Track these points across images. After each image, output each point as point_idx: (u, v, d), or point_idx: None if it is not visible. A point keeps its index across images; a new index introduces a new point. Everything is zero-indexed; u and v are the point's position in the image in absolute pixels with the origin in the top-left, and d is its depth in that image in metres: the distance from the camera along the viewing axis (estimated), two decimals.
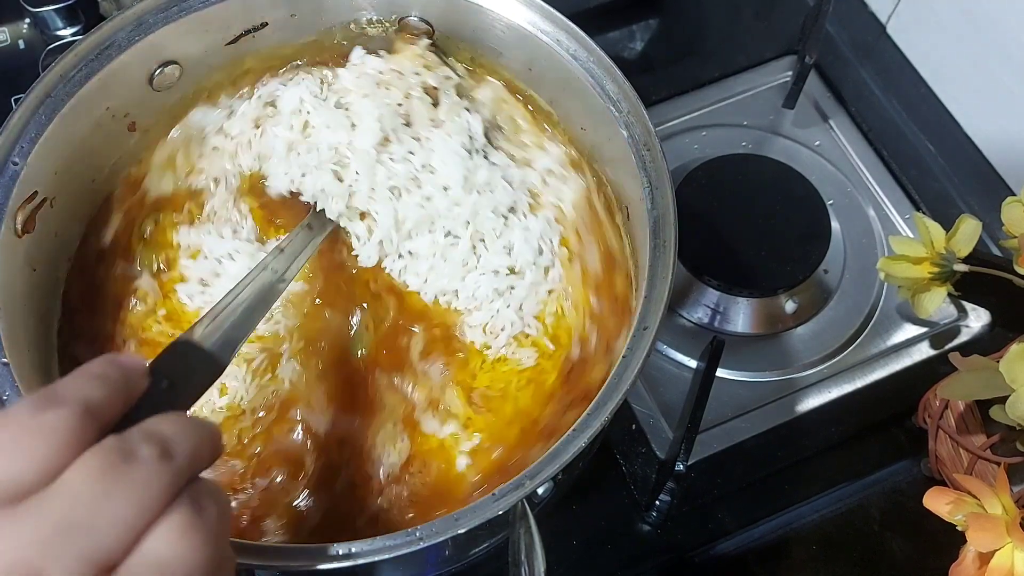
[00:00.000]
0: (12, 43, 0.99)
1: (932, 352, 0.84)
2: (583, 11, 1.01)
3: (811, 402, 0.82)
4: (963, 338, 0.85)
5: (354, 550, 0.50)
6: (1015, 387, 0.60)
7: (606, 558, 0.76)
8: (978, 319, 0.85)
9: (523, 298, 0.70)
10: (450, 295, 0.70)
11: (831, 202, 0.89)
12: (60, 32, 0.97)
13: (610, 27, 1.07)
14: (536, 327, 0.70)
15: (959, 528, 0.62)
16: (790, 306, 0.85)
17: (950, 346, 0.84)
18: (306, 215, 0.69)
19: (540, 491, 0.53)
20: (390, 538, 0.50)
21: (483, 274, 0.70)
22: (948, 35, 0.93)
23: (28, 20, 0.99)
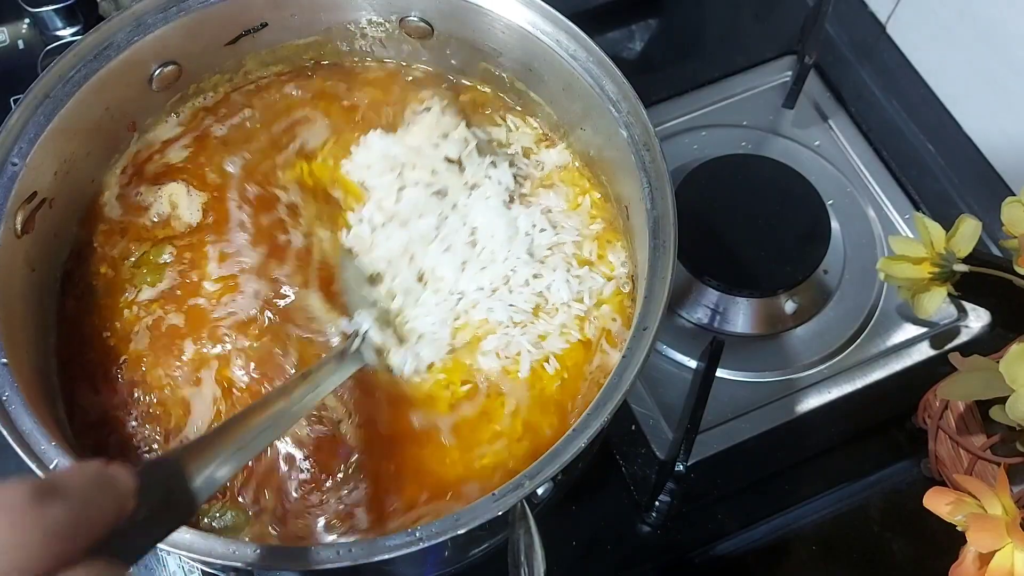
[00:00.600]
0: (12, 43, 0.99)
1: (932, 352, 0.84)
2: (583, 11, 1.01)
3: (811, 402, 0.82)
4: (963, 338, 0.85)
5: (354, 550, 0.50)
6: (1015, 387, 0.60)
7: (606, 558, 0.76)
8: (978, 319, 0.85)
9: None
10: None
11: (831, 202, 0.89)
12: (59, 32, 0.98)
13: (610, 27, 1.07)
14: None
15: (959, 528, 0.61)
16: (790, 306, 0.85)
17: (950, 346, 0.84)
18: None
19: (540, 491, 0.53)
20: (390, 538, 0.50)
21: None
22: (948, 35, 0.93)
23: (28, 20, 0.99)
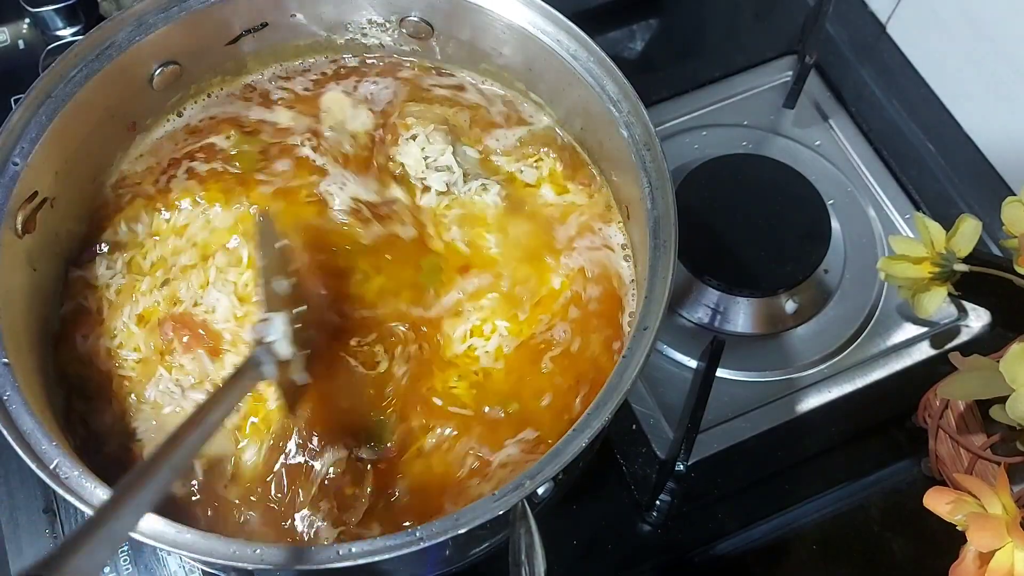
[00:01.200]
0: (12, 43, 0.99)
1: (932, 352, 0.84)
2: (583, 11, 1.01)
3: (811, 402, 0.82)
4: (963, 338, 0.85)
5: (354, 550, 0.50)
6: (1015, 387, 0.60)
7: (606, 558, 0.76)
8: (978, 319, 0.85)
9: None
10: None
11: (831, 202, 0.89)
12: (60, 32, 0.98)
13: (610, 27, 1.07)
14: None
15: (959, 528, 0.61)
16: (790, 306, 0.85)
17: (950, 346, 0.84)
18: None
19: (540, 491, 0.53)
20: (390, 538, 0.51)
21: None
22: (948, 35, 0.93)
23: (28, 20, 0.99)
